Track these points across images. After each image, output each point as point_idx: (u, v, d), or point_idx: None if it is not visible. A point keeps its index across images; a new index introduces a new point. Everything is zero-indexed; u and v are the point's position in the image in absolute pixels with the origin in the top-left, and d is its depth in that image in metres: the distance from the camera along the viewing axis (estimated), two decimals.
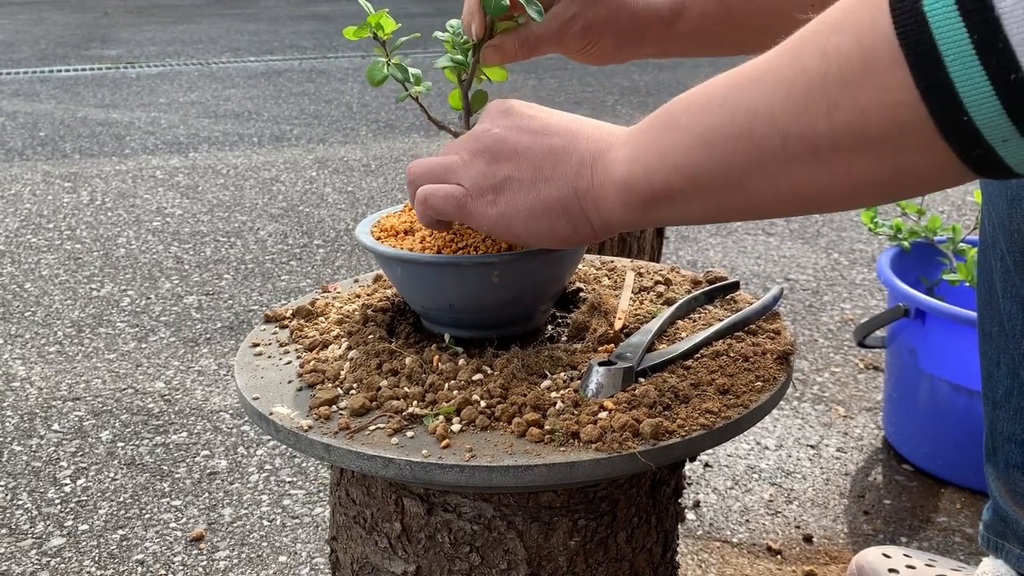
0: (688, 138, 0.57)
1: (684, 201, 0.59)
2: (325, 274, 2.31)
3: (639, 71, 5.25)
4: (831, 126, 0.49)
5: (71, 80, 4.92)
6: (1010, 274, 0.93)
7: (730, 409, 0.66)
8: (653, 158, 0.60)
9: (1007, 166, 0.47)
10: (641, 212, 0.62)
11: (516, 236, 0.67)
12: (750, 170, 0.54)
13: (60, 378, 1.78)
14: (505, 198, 0.66)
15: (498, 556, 0.70)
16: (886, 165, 0.50)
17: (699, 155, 0.57)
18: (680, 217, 0.62)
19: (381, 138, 3.70)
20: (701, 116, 0.57)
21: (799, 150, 0.52)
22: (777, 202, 0.56)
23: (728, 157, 0.55)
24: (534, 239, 0.67)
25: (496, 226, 0.67)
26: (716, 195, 0.58)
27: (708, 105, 0.57)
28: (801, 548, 1.28)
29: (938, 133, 0.46)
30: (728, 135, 0.55)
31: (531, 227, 0.66)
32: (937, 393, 1.37)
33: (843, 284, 2.25)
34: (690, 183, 0.58)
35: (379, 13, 0.78)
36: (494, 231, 0.68)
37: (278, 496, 1.41)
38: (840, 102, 0.49)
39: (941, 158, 0.48)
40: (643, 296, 0.86)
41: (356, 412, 0.67)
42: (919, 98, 0.46)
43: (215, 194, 2.98)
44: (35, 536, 1.32)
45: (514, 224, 0.66)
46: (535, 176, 0.65)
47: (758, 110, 0.53)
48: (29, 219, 2.74)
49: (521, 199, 0.65)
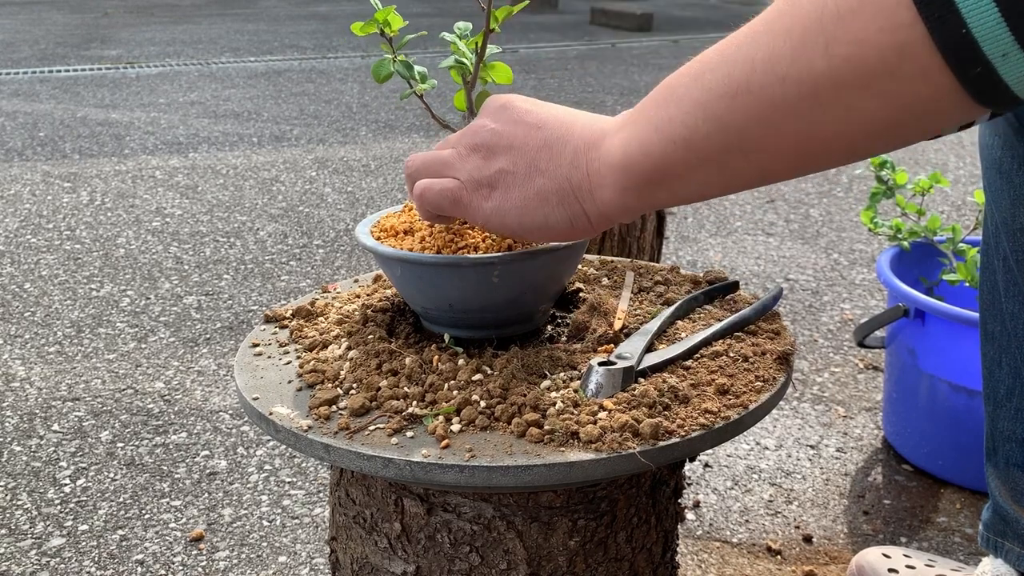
0: (684, 106, 0.56)
1: (684, 174, 0.58)
2: (325, 274, 2.31)
3: (639, 71, 5.26)
4: (830, 63, 0.49)
5: (71, 80, 4.92)
6: (1013, 274, 0.93)
7: (730, 409, 0.66)
8: (649, 133, 0.58)
9: (1006, 86, 0.46)
10: (639, 195, 0.61)
11: (511, 230, 0.67)
12: (749, 127, 0.53)
13: (60, 378, 1.78)
14: (500, 192, 0.66)
15: (498, 556, 0.70)
16: (887, 101, 0.49)
17: (696, 120, 0.55)
18: (680, 194, 0.60)
19: (381, 138, 3.69)
20: (697, 82, 0.56)
21: (798, 95, 0.51)
22: (779, 158, 0.55)
23: (727, 116, 0.54)
24: (529, 233, 0.67)
25: (491, 220, 0.67)
26: (716, 161, 0.56)
27: (702, 71, 0.56)
28: (801, 548, 1.28)
29: (936, 52, 0.46)
30: (724, 93, 0.53)
31: (525, 220, 0.65)
32: (937, 393, 1.37)
33: (843, 284, 2.25)
34: (689, 151, 0.56)
35: (387, 9, 0.78)
36: (489, 225, 0.67)
37: (278, 496, 1.41)
38: (838, 35, 0.48)
39: (941, 84, 0.47)
40: (643, 296, 0.86)
41: (356, 412, 0.67)
42: (917, 16, 0.46)
43: (215, 194, 2.98)
44: (35, 536, 1.32)
45: (508, 217, 0.66)
46: (529, 169, 0.65)
47: (755, 61, 0.52)
48: (29, 219, 2.74)
49: (515, 192, 0.65)
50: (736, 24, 0.56)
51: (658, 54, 5.93)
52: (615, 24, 7.31)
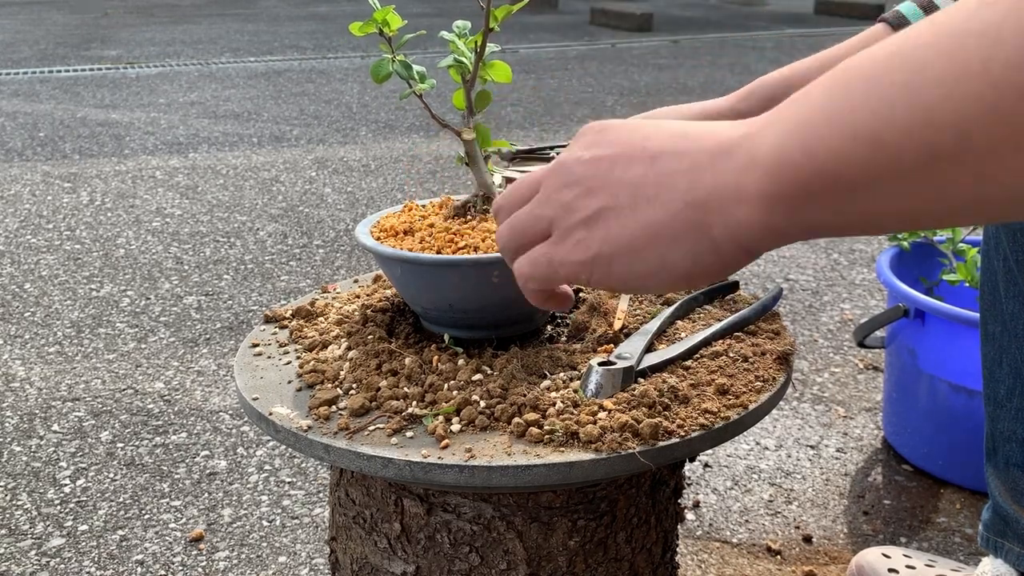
0: (877, 91, 0.40)
1: (862, 185, 0.41)
2: (325, 274, 2.31)
3: (639, 71, 5.26)
4: None
5: (71, 80, 4.92)
6: (1012, 274, 0.93)
7: (729, 409, 0.66)
8: (816, 127, 0.42)
9: None
10: (792, 211, 0.44)
11: (619, 281, 0.52)
12: (980, 122, 0.37)
13: (60, 378, 1.78)
14: (599, 234, 0.52)
15: (497, 556, 0.70)
16: None
17: (894, 110, 0.39)
18: (846, 213, 0.43)
19: (381, 138, 3.69)
20: (898, 62, 0.40)
21: None
22: (1015, 174, 0.38)
23: (945, 105, 0.38)
24: (643, 282, 0.52)
25: (592, 272, 0.53)
26: (914, 169, 0.39)
27: (906, 47, 0.40)
28: (801, 548, 1.28)
29: None
30: (944, 75, 0.38)
31: (635, 266, 0.51)
32: (937, 393, 1.37)
33: (843, 284, 2.25)
34: (877, 150, 0.40)
35: (386, 9, 0.78)
36: (593, 281, 0.53)
37: (278, 496, 1.41)
38: None
39: None
40: (643, 296, 0.86)
41: (356, 412, 0.67)
42: None
43: (215, 194, 2.98)
44: (35, 536, 1.32)
45: (614, 266, 0.51)
46: (634, 199, 0.50)
47: (1000, 31, 0.36)
48: (29, 219, 2.74)
49: (617, 232, 0.51)
50: (736, 24, 0.53)
51: (658, 54, 5.93)
52: (615, 24, 7.31)
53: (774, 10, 8.68)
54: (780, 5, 9.02)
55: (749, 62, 5.58)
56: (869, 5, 7.77)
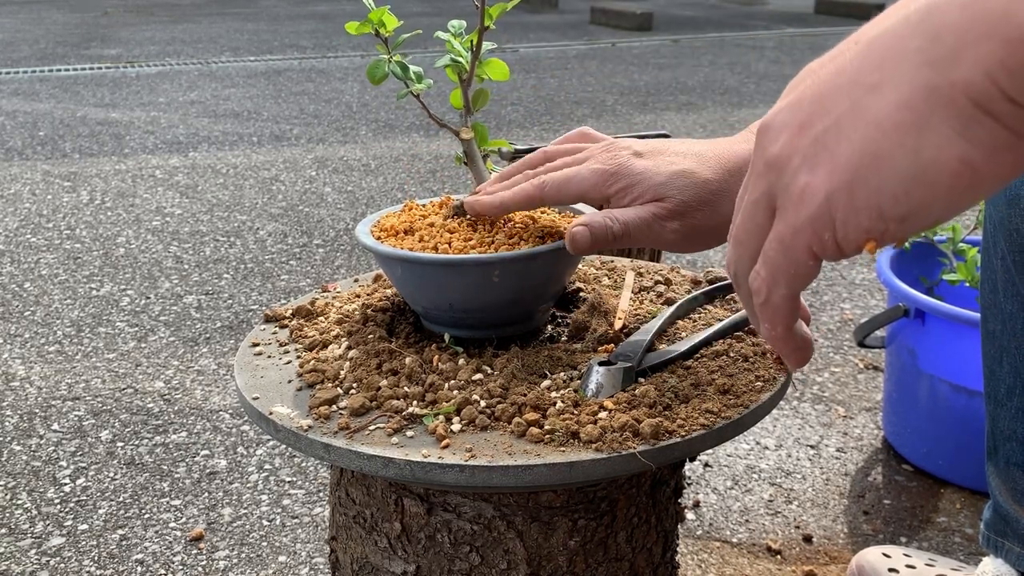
0: None
1: None
2: (325, 274, 2.31)
3: (639, 70, 5.25)
4: None
5: (70, 79, 4.91)
6: (1010, 273, 0.93)
7: (730, 409, 0.66)
8: None
9: None
10: None
11: (874, 216, 0.41)
12: None
13: (60, 378, 1.78)
14: (824, 166, 0.41)
15: (498, 556, 0.70)
16: None
17: None
18: None
19: (381, 138, 3.69)
20: None
21: None
22: None
23: None
24: (906, 202, 0.40)
25: (833, 219, 0.41)
26: None
27: None
28: (801, 548, 1.28)
29: None
30: None
31: (887, 184, 0.39)
32: (937, 393, 1.37)
33: (843, 284, 2.25)
34: None
35: (381, 10, 0.78)
36: (836, 232, 0.42)
37: (278, 496, 1.41)
38: None
39: None
40: (643, 296, 0.86)
41: (356, 412, 0.67)
42: None
43: (215, 194, 2.98)
44: (35, 536, 1.32)
45: (857, 197, 0.40)
46: (853, 99, 0.40)
47: None
48: (28, 219, 2.74)
49: (847, 149, 0.40)
50: (736, 24, 0.52)
51: (658, 54, 5.93)
52: (615, 24, 7.31)
53: (774, 9, 8.67)
54: (780, 4, 9.02)
55: (749, 61, 5.58)
56: (869, 5, 7.77)
